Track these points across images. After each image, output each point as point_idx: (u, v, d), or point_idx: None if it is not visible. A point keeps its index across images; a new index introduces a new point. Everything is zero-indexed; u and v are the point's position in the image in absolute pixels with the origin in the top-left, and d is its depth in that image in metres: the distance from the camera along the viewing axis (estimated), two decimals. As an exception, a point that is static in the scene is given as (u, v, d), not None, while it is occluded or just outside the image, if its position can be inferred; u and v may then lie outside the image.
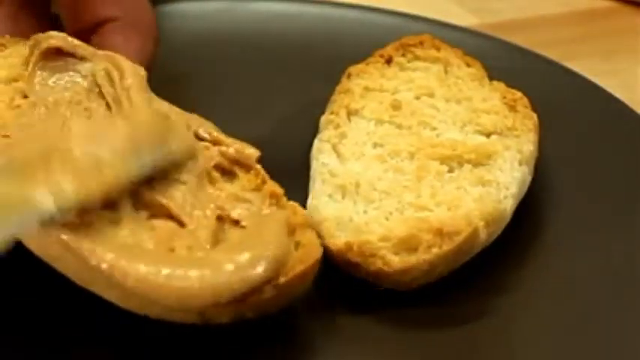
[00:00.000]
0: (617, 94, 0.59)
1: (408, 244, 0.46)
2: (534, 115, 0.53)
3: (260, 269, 0.42)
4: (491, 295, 0.48)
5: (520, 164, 0.51)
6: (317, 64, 0.60)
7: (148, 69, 0.50)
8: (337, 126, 0.53)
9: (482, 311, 0.47)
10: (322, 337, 0.46)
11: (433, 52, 0.57)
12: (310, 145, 0.53)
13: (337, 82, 0.56)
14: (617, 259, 0.50)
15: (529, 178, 0.51)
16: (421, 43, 0.57)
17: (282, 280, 0.43)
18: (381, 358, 0.45)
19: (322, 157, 0.51)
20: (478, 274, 0.48)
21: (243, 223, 0.45)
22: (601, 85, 0.60)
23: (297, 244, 0.45)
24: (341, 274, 0.47)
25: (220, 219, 0.45)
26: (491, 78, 0.56)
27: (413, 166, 0.50)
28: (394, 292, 0.47)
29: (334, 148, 0.52)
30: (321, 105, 0.55)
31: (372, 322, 0.46)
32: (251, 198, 0.46)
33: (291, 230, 0.45)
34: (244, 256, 0.42)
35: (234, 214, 0.45)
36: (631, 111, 0.58)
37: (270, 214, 0.46)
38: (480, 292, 0.48)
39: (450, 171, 0.50)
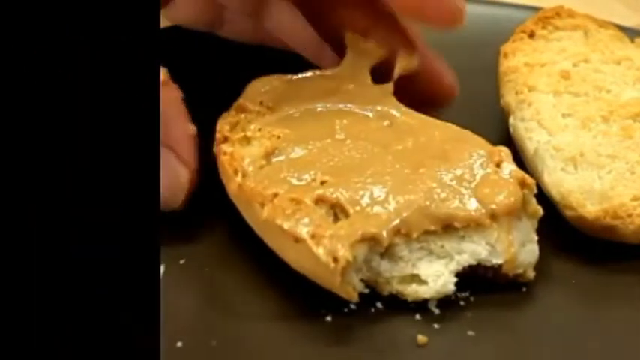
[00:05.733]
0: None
1: None
2: None
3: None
4: None
5: None
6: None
7: None
8: (530, 104, 0.54)
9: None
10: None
11: (570, 21, 0.59)
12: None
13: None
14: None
15: None
16: (558, 14, 0.59)
17: None
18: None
19: (534, 135, 0.53)
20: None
21: None
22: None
23: None
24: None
25: None
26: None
27: (615, 128, 0.52)
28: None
29: (540, 124, 0.53)
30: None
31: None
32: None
33: None
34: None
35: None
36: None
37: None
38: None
39: None
